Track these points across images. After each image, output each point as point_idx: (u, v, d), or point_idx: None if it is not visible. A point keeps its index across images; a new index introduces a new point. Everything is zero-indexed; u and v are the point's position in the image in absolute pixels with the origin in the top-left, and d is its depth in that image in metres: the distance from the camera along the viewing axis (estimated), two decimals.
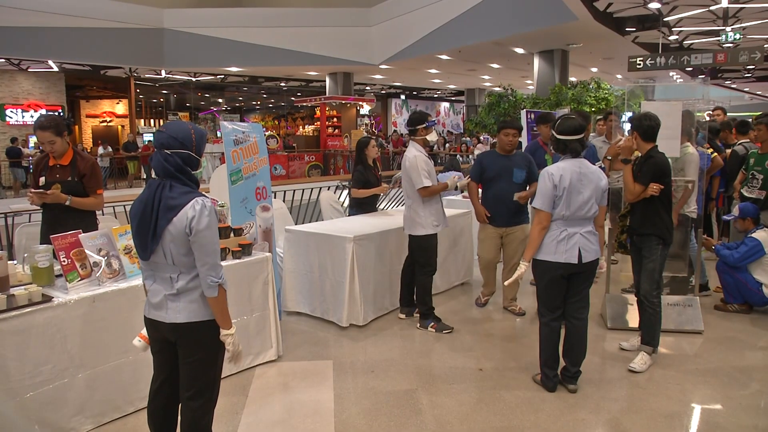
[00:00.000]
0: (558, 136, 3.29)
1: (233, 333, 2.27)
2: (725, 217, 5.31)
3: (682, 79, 19.99)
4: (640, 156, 3.79)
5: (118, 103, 23.68)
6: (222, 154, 9.65)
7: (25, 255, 3.08)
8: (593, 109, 13.42)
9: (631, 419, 3.09)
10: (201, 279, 2.18)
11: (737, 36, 12.21)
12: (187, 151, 2.19)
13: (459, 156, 17.88)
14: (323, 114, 19.58)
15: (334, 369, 3.73)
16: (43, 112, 18.12)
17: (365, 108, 22.02)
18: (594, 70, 19.38)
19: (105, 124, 23.63)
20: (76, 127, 22.41)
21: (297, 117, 27.34)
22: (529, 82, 21.19)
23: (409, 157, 4.31)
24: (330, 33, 16.08)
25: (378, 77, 22.19)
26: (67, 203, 3.60)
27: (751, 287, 4.64)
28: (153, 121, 27.73)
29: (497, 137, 4.82)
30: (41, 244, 3.48)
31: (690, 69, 14.82)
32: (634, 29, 13.51)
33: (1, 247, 5.49)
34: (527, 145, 6.07)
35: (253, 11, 16.28)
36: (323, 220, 5.81)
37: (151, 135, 18.53)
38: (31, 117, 18.13)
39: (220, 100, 31.04)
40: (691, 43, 16.09)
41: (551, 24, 11.93)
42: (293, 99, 25.83)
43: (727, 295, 4.83)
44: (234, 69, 19.00)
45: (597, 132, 6.23)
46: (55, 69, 18.17)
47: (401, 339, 4.28)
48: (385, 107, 30.24)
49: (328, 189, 7.42)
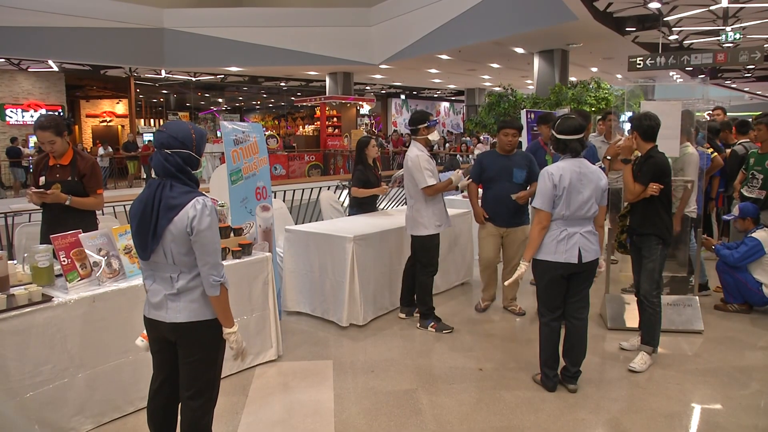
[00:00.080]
0: (558, 135, 3.29)
1: (236, 331, 2.28)
2: (725, 217, 5.31)
3: (682, 79, 20.00)
4: (640, 156, 3.79)
5: (118, 103, 23.69)
6: (222, 153, 9.65)
7: (25, 255, 3.08)
8: (593, 109, 13.42)
9: (631, 419, 3.09)
10: (203, 278, 2.18)
11: (737, 36, 12.21)
12: (188, 151, 2.19)
13: (459, 156, 17.89)
14: (323, 114, 19.58)
15: (334, 369, 3.73)
16: (43, 111, 18.13)
17: (365, 108, 22.02)
18: (594, 69, 19.38)
19: (105, 124, 23.64)
20: (76, 127, 22.41)
21: (297, 117, 27.36)
22: (529, 81, 21.20)
23: (411, 157, 4.29)
24: (330, 33, 16.09)
25: (378, 77, 22.20)
26: (67, 203, 3.60)
27: (751, 287, 4.64)
28: (153, 121, 27.73)
29: (497, 137, 4.81)
30: (41, 243, 3.48)
31: (690, 69, 14.83)
32: (634, 29, 13.51)
33: (1, 247, 5.49)
34: (528, 145, 6.07)
35: (253, 11, 16.29)
36: (323, 219, 5.81)
37: (151, 135, 18.53)
38: (31, 117, 18.13)
39: (220, 99, 31.05)
40: (691, 43, 16.10)
41: (551, 24, 11.94)
42: (293, 99, 25.83)
43: (727, 295, 4.83)
44: (234, 69, 19.01)
45: (597, 131, 6.23)
46: (55, 69, 18.18)
47: (401, 339, 4.28)
48: (385, 107, 30.24)
49: (328, 189, 7.41)
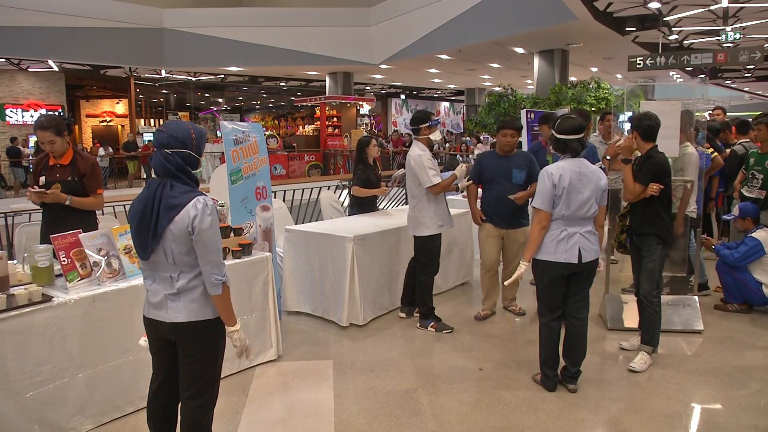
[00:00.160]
0: (558, 135, 3.29)
1: (238, 329, 2.29)
2: (725, 217, 5.31)
3: (681, 79, 19.99)
4: (639, 156, 3.79)
5: (118, 103, 23.69)
6: (222, 153, 9.65)
7: (25, 255, 3.08)
8: (593, 109, 13.42)
9: (631, 419, 3.09)
10: (204, 277, 2.19)
11: (737, 36, 12.21)
12: (188, 151, 2.19)
13: (459, 156, 17.88)
14: (323, 114, 19.58)
15: (334, 369, 3.73)
16: (43, 111, 18.13)
17: (365, 108, 22.02)
18: (594, 69, 19.38)
19: (105, 123, 23.63)
20: (76, 127, 22.41)
21: (297, 117, 27.34)
22: (529, 81, 21.20)
23: (414, 157, 4.27)
24: (330, 33, 16.09)
25: (378, 77, 22.19)
26: (67, 203, 3.60)
27: (751, 287, 4.64)
28: (153, 121, 27.72)
29: (496, 137, 4.80)
30: (41, 243, 3.48)
31: (690, 69, 14.82)
32: (634, 29, 13.50)
33: (1, 247, 5.49)
34: (530, 146, 6.05)
35: (253, 11, 16.29)
36: (323, 219, 5.81)
37: (151, 135, 18.53)
38: (31, 117, 18.13)
39: (220, 99, 31.05)
40: (691, 43, 16.09)
41: (551, 24, 11.93)
42: (293, 99, 25.83)
43: (727, 295, 4.83)
44: (234, 69, 19.01)
45: (599, 131, 6.23)
46: (55, 69, 18.18)
47: (401, 339, 4.28)
48: (385, 107, 30.24)
49: (328, 189, 7.41)
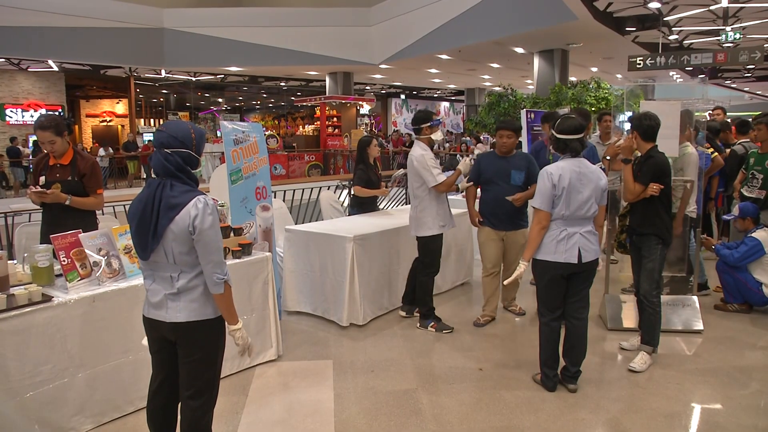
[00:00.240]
0: (558, 135, 3.29)
1: (240, 328, 2.30)
2: (725, 217, 5.31)
3: (682, 79, 19.99)
4: (639, 156, 3.79)
5: (118, 103, 23.69)
6: (222, 153, 9.65)
7: (25, 255, 3.08)
8: (593, 109, 13.42)
9: (631, 419, 3.09)
10: (206, 277, 2.19)
11: (737, 36, 12.20)
12: (188, 150, 2.20)
13: (459, 156, 17.88)
14: (323, 114, 19.58)
15: (334, 369, 3.73)
16: (43, 111, 18.13)
17: (365, 108, 22.02)
18: (594, 69, 19.38)
19: (105, 123, 23.64)
20: (76, 127, 22.41)
21: (297, 117, 27.34)
22: (529, 81, 21.20)
23: (417, 157, 4.24)
24: (330, 33, 16.08)
25: (378, 77, 22.19)
26: (67, 203, 3.60)
27: (751, 287, 4.64)
28: (153, 121, 27.73)
29: (495, 138, 4.79)
30: (41, 243, 3.48)
31: (690, 69, 14.82)
32: (634, 29, 13.50)
33: (1, 247, 5.49)
34: (533, 145, 6.01)
35: (253, 11, 16.28)
36: (323, 219, 5.81)
37: (151, 135, 18.52)
38: (31, 117, 18.14)
39: (220, 99, 31.06)
40: (691, 43, 16.09)
41: (551, 24, 11.93)
42: (293, 99, 25.84)
43: (727, 295, 4.83)
44: (234, 69, 19.01)
45: (599, 131, 6.22)
46: (55, 69, 18.18)
47: (401, 339, 4.28)
48: (385, 107, 30.24)
49: (328, 189, 7.41)
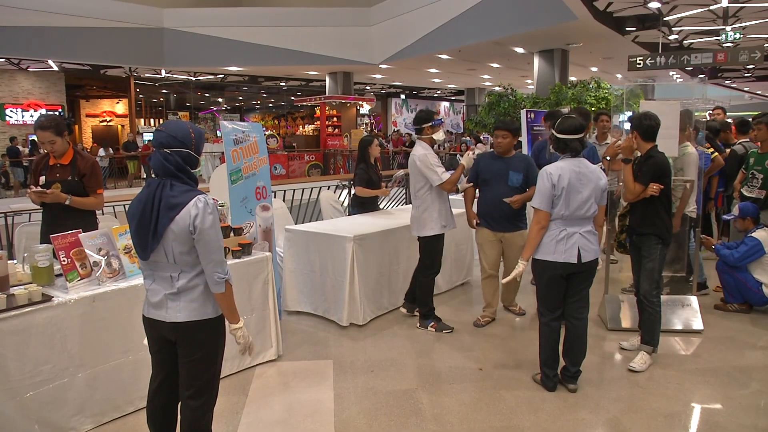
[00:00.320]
0: (558, 135, 3.29)
1: (242, 326, 2.31)
2: (725, 217, 5.31)
3: (681, 79, 19.99)
4: (640, 156, 3.79)
5: (118, 103, 23.69)
6: (222, 153, 9.65)
7: (25, 254, 3.08)
8: (593, 109, 13.42)
9: (631, 419, 3.09)
10: (207, 276, 2.19)
11: (737, 35, 12.20)
12: (187, 150, 2.20)
13: (459, 156, 17.89)
14: (323, 113, 19.59)
15: (334, 369, 3.73)
16: (43, 111, 18.12)
17: (365, 107, 22.02)
18: (594, 69, 19.37)
19: (105, 123, 23.63)
20: (76, 127, 22.41)
21: (297, 116, 27.33)
22: (529, 81, 21.19)
23: (419, 156, 4.23)
24: (330, 32, 16.09)
25: (378, 77, 22.18)
26: (67, 203, 3.60)
27: (751, 287, 4.64)
28: (153, 121, 27.73)
29: (493, 138, 4.77)
30: (41, 243, 3.48)
31: (690, 68, 14.81)
32: (634, 29, 13.50)
33: (1, 247, 5.49)
34: (536, 144, 5.94)
35: (253, 11, 16.29)
36: (323, 219, 5.81)
37: (151, 135, 18.51)
38: (31, 117, 18.13)
39: (220, 99, 31.05)
40: (691, 43, 16.09)
41: (551, 24, 11.92)
42: (293, 98, 25.84)
43: (727, 295, 4.83)
44: (234, 69, 19.00)
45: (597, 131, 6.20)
46: (55, 68, 18.18)
47: (401, 339, 4.28)
48: (385, 107, 30.23)
49: (328, 189, 7.41)
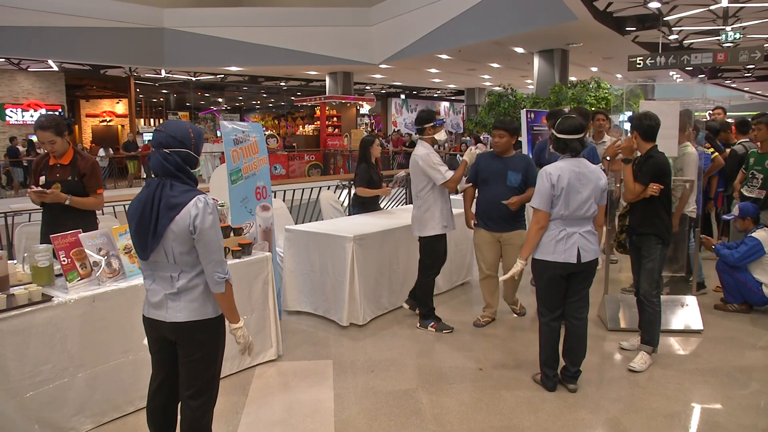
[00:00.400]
0: (558, 135, 3.29)
1: (242, 326, 2.31)
2: (725, 217, 5.31)
3: (681, 79, 19.99)
4: (640, 156, 3.79)
5: (118, 103, 23.69)
6: (222, 153, 9.65)
7: (25, 254, 3.09)
8: (593, 109, 13.41)
9: (631, 419, 3.09)
10: (207, 276, 2.19)
11: (737, 35, 12.19)
12: (187, 150, 2.20)
13: (459, 156, 17.89)
14: (323, 113, 19.59)
15: (334, 369, 3.74)
16: (43, 111, 18.12)
17: (365, 107, 22.02)
18: (594, 69, 19.37)
19: (105, 123, 23.63)
20: (76, 127, 22.41)
21: (297, 116, 27.34)
22: (529, 81, 21.19)
23: (421, 156, 4.22)
24: (330, 32, 16.09)
25: (378, 77, 22.18)
26: (67, 203, 3.60)
27: (751, 287, 4.64)
28: (153, 121, 27.73)
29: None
30: (41, 243, 3.48)
31: (690, 68, 14.81)
32: (634, 29, 13.49)
33: (1, 247, 5.49)
34: (538, 143, 5.93)
35: (253, 11, 16.29)
36: (323, 219, 5.81)
37: (151, 135, 18.49)
38: (31, 117, 18.12)
39: (220, 99, 31.05)
40: (691, 43, 16.09)
41: (551, 24, 11.92)
42: (293, 98, 25.83)
43: (727, 295, 4.83)
44: (234, 69, 19.00)
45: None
46: (55, 68, 18.17)
47: (401, 339, 4.28)
48: (385, 107, 30.23)
49: (328, 189, 7.41)
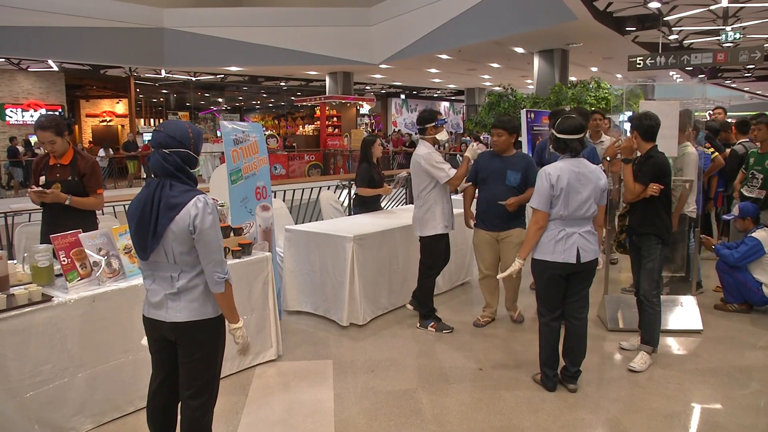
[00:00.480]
0: (558, 135, 3.29)
1: (241, 326, 2.31)
2: (725, 217, 5.31)
3: (681, 79, 19.99)
4: (640, 156, 3.79)
5: (118, 103, 23.68)
6: (222, 153, 9.65)
7: (25, 254, 3.09)
8: (593, 109, 13.41)
9: (631, 419, 3.09)
10: (207, 276, 2.19)
11: (737, 35, 12.19)
12: (186, 150, 2.20)
13: (459, 156, 17.89)
14: (323, 113, 19.59)
15: (334, 369, 3.74)
16: (43, 111, 18.12)
17: (365, 107, 22.02)
18: (594, 69, 19.37)
19: (105, 123, 23.63)
20: (76, 127, 22.40)
21: (297, 116, 27.35)
22: (529, 81, 21.18)
23: (423, 156, 4.21)
24: (330, 32, 16.09)
25: (378, 77, 22.18)
26: (67, 203, 3.60)
27: (751, 287, 4.64)
28: (153, 121, 27.71)
29: None
30: (41, 243, 3.48)
31: (690, 68, 14.81)
32: (634, 29, 13.49)
33: (1, 247, 5.49)
34: (539, 143, 5.92)
35: (253, 11, 16.29)
36: (323, 219, 5.81)
37: (151, 135, 18.48)
38: (31, 117, 18.11)
39: (220, 99, 31.04)
40: (691, 43, 16.08)
41: (551, 24, 11.92)
42: (293, 98, 25.83)
43: (727, 295, 4.83)
44: (234, 69, 19.00)
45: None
46: (55, 68, 18.17)
47: (401, 339, 4.28)
48: (385, 107, 30.22)
49: (328, 189, 7.41)
